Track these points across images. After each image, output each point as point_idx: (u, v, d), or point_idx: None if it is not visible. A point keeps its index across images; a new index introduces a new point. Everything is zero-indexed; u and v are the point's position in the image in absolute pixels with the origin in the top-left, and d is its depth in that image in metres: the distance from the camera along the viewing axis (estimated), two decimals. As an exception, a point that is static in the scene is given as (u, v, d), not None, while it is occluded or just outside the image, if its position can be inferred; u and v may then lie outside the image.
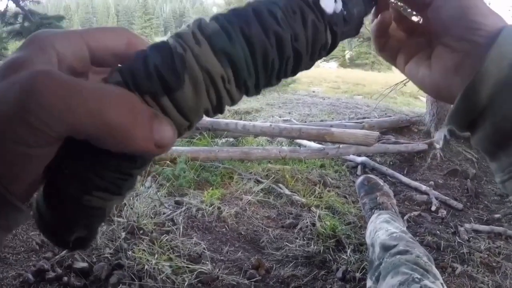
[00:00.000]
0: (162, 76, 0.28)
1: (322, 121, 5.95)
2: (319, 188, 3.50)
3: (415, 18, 0.53)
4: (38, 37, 0.33)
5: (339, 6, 0.37)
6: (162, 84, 0.29)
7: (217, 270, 2.28)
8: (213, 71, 0.30)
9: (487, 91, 0.38)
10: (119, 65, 0.34)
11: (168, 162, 3.48)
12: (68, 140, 0.29)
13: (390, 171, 4.07)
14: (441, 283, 1.52)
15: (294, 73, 0.36)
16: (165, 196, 3.05)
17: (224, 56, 0.30)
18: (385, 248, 1.83)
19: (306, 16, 0.34)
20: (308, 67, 0.37)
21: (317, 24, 0.35)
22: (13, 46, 7.28)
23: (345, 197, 3.45)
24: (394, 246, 1.80)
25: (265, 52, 0.31)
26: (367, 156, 4.40)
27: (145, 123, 0.29)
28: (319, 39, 0.36)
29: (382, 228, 2.07)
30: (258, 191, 3.29)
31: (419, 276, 1.49)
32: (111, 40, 0.36)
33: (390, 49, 0.53)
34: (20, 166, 0.29)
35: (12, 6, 6.94)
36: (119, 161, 0.30)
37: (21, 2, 6.86)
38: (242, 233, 2.74)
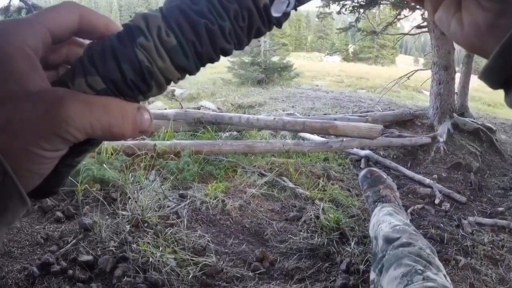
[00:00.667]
0: (137, 87, 0.37)
1: (325, 114, 5.96)
2: (322, 181, 3.50)
3: None
4: (9, 39, 0.35)
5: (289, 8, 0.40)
6: (138, 90, 0.37)
7: (222, 262, 2.29)
8: (173, 78, 0.38)
9: None
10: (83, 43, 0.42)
11: (172, 155, 3.49)
12: None
13: (393, 164, 4.07)
14: (444, 275, 1.53)
15: None
16: (169, 190, 3.06)
17: (181, 69, 0.38)
18: (388, 240, 1.83)
19: (253, 25, 0.39)
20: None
21: (262, 31, 0.40)
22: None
23: (348, 190, 3.46)
24: (397, 238, 1.81)
25: (211, 59, 0.39)
26: (371, 150, 4.40)
27: (133, 121, 0.38)
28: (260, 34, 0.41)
29: (385, 221, 2.08)
30: (262, 184, 3.30)
31: (421, 268, 1.50)
32: (65, 17, 0.39)
33: None
34: (38, 167, 0.34)
35: (16, 1, 6.94)
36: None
37: (24, -3, 6.86)
38: (246, 226, 2.75)
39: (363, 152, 4.30)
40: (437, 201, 3.34)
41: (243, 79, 11.38)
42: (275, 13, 0.39)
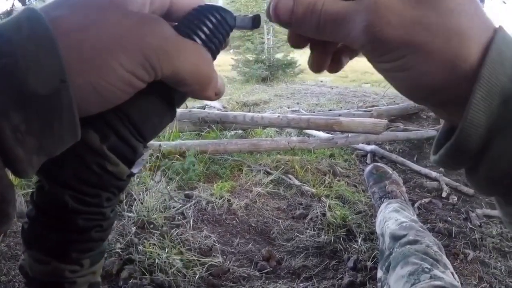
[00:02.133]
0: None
1: (330, 110, 5.94)
2: (328, 177, 3.49)
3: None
4: None
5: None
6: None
7: (228, 262, 2.29)
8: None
9: (472, 153, 0.33)
10: None
11: (177, 156, 3.49)
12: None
13: (400, 158, 4.04)
14: (452, 272, 1.51)
15: None
16: (174, 190, 3.06)
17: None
18: (395, 238, 1.82)
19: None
20: None
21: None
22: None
23: (355, 186, 3.44)
24: (404, 236, 1.79)
25: None
26: (377, 144, 4.37)
27: (216, 77, 0.39)
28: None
29: (392, 217, 2.06)
30: (267, 182, 3.29)
31: (429, 266, 1.48)
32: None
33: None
34: (105, 85, 0.32)
35: (18, 5, 6.97)
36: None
37: (26, 1, 6.88)
38: (253, 225, 2.74)
39: (368, 147, 4.28)
40: (444, 194, 3.31)
41: (247, 76, 11.35)
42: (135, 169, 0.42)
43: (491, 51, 0.31)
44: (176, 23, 0.39)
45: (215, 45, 0.41)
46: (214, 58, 0.41)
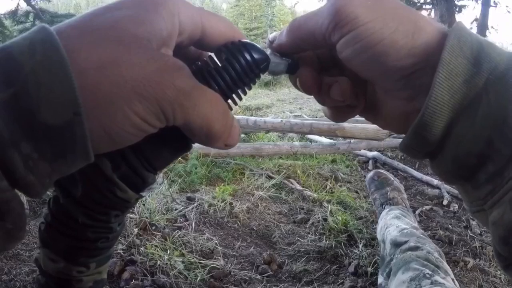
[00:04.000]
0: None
1: (333, 116, 5.93)
2: (330, 183, 3.50)
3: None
4: (169, 1, 0.34)
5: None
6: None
7: (229, 265, 2.29)
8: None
9: (438, 132, 0.35)
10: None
11: (179, 158, 3.50)
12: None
13: (401, 165, 4.05)
14: (452, 279, 1.52)
15: None
16: (177, 192, 3.07)
17: None
18: (396, 244, 1.83)
19: None
20: None
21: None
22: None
23: (356, 192, 3.45)
24: (405, 242, 1.80)
25: None
26: (378, 151, 4.38)
27: (231, 127, 0.36)
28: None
29: (393, 224, 2.07)
30: (269, 186, 3.30)
31: (430, 272, 1.49)
32: (223, 28, 0.38)
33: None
34: (115, 130, 0.31)
35: (23, 5, 7.00)
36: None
37: (32, 1, 6.91)
38: (254, 228, 2.75)
39: (370, 154, 4.29)
40: (445, 202, 3.32)
41: (250, 81, 11.36)
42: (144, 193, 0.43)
43: (450, 37, 0.34)
44: (200, 62, 0.38)
45: (238, 93, 0.40)
46: (235, 104, 0.41)
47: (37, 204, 2.64)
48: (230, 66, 0.37)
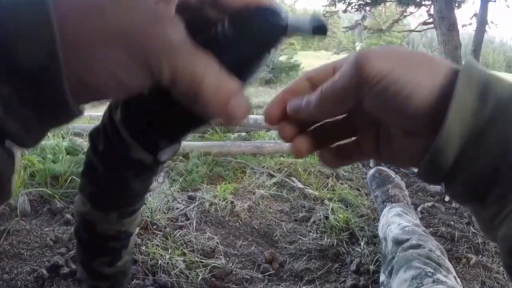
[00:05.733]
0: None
1: (334, 113, 5.93)
2: (331, 181, 3.49)
3: None
4: None
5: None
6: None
7: (231, 264, 2.29)
8: None
9: (449, 160, 0.37)
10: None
11: (180, 157, 3.49)
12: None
13: (403, 162, 4.04)
14: (454, 277, 1.52)
15: None
16: (178, 191, 3.07)
17: None
18: (398, 242, 1.82)
19: None
20: None
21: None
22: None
23: (358, 189, 3.44)
24: (407, 240, 1.79)
25: None
26: (380, 148, 4.37)
27: (228, 94, 0.33)
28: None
29: (394, 222, 2.07)
30: (270, 185, 3.30)
31: (432, 270, 1.49)
32: None
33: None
34: (98, 71, 0.29)
35: None
36: None
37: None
38: (255, 227, 2.74)
39: (372, 151, 4.28)
40: (447, 199, 3.31)
41: (250, 79, 11.37)
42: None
43: (460, 75, 0.37)
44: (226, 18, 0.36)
45: (244, 68, 0.38)
46: (242, 80, 0.36)
47: (38, 204, 2.64)
48: (236, 33, 0.35)
